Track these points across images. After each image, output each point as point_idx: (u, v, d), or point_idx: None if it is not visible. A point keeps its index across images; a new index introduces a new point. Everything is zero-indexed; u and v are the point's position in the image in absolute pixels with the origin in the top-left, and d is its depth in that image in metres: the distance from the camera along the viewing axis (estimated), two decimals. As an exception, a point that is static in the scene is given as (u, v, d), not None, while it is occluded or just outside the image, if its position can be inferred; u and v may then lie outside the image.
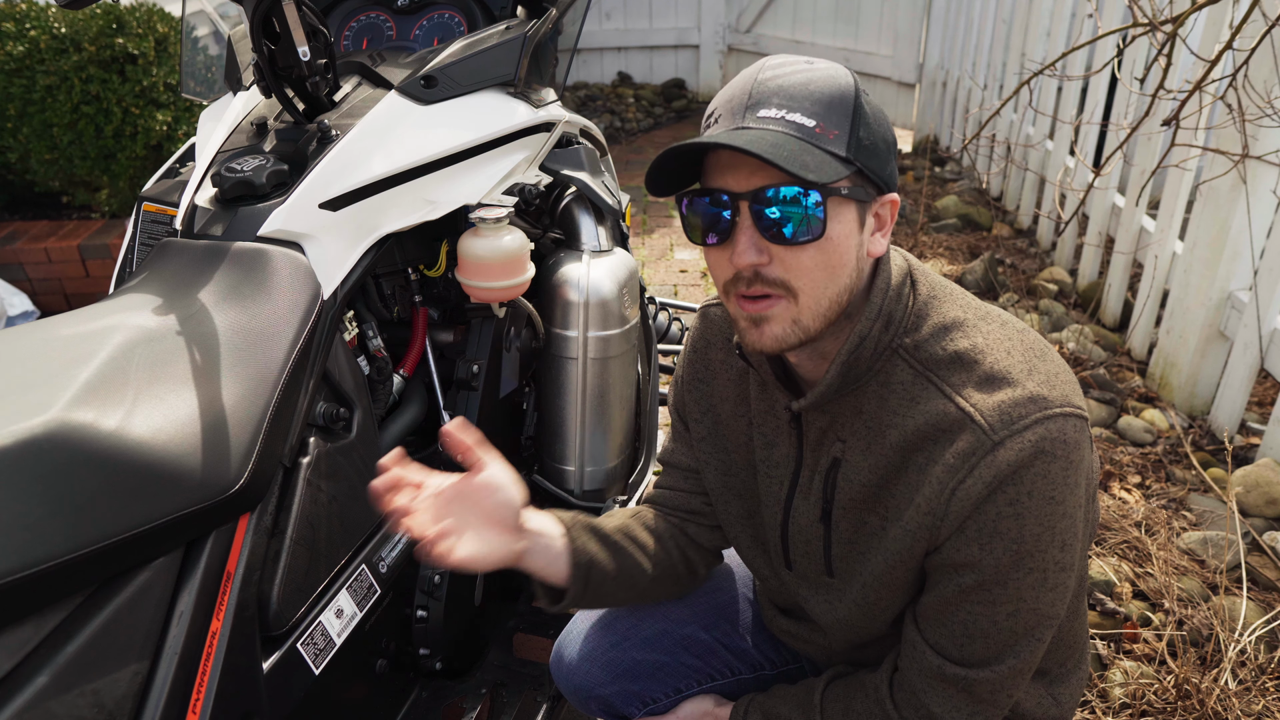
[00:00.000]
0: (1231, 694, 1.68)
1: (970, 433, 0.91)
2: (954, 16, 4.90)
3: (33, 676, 0.83)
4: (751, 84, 0.91)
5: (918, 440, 0.95)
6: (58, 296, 3.33)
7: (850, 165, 0.89)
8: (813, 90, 0.89)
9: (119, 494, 0.89)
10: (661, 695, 1.29)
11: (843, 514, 1.04)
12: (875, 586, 1.04)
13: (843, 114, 0.89)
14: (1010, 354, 0.95)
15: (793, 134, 0.87)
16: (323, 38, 1.28)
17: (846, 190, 0.89)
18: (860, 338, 0.95)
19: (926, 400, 0.95)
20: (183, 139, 3.27)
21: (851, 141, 0.89)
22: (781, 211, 0.87)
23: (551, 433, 1.71)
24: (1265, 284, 2.39)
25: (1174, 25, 2.21)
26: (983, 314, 1.00)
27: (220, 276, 1.14)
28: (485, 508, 1.01)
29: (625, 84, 6.72)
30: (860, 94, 0.90)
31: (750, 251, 0.89)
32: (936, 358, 0.96)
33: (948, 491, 0.93)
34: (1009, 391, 0.92)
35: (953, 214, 4.22)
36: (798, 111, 0.88)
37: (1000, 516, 0.91)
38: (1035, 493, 0.90)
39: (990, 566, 0.93)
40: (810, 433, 1.05)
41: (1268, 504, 2.18)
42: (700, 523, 1.25)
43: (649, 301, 2.23)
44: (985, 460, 0.90)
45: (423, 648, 1.48)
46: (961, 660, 0.99)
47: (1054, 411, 0.91)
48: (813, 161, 0.85)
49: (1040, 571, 0.94)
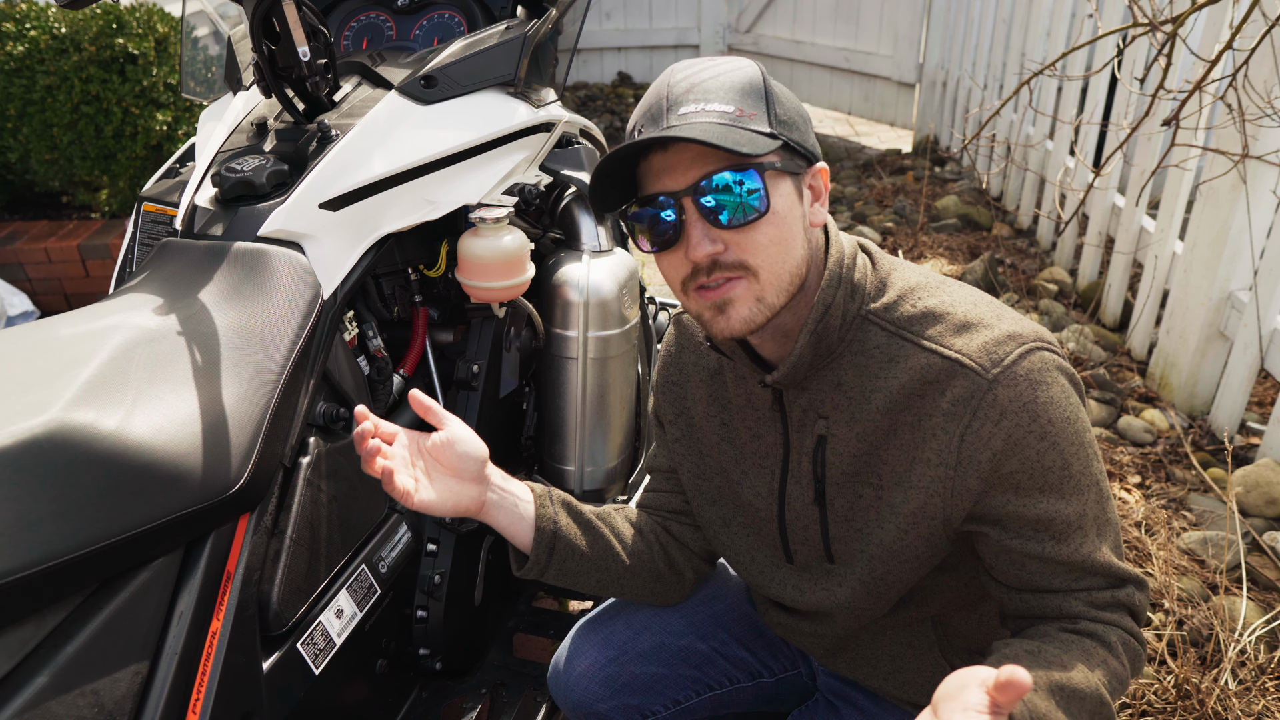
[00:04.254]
0: (1231, 694, 1.68)
1: (963, 377, 0.94)
2: (954, 16, 4.90)
3: (33, 676, 0.83)
4: (665, 89, 0.95)
5: (905, 398, 0.97)
6: (58, 296, 3.33)
7: (775, 139, 0.93)
8: (724, 81, 0.94)
9: (119, 494, 0.89)
10: (661, 708, 1.29)
11: (836, 491, 1.05)
12: (884, 559, 1.04)
13: (756, 97, 0.94)
14: (976, 305, 0.99)
15: (716, 120, 0.91)
16: (323, 38, 1.28)
17: (780, 164, 0.93)
18: (825, 306, 0.97)
19: (906, 357, 0.97)
20: (183, 139, 3.27)
21: (771, 118, 0.94)
22: (724, 199, 0.91)
23: (551, 433, 1.71)
24: (1265, 284, 2.39)
25: (1174, 25, 2.21)
26: (940, 279, 1.03)
27: (220, 276, 1.14)
28: (448, 459, 1.07)
29: (625, 84, 6.72)
30: (767, 77, 0.96)
31: (704, 243, 0.92)
32: (908, 315, 0.98)
33: (955, 438, 0.94)
34: (986, 333, 0.95)
35: (953, 214, 4.23)
36: (715, 102, 0.92)
37: (1041, 454, 0.93)
38: (1054, 418, 0.93)
39: (1056, 503, 0.94)
40: (793, 413, 1.06)
41: (1268, 504, 2.18)
42: (682, 521, 1.26)
43: (649, 301, 2.23)
44: (986, 399, 0.93)
45: (423, 648, 1.48)
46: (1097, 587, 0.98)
47: (1032, 344, 0.95)
48: (742, 139, 0.89)
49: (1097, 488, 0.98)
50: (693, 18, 6.51)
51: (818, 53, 5.94)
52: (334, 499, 1.21)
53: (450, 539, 1.49)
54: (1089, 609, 0.97)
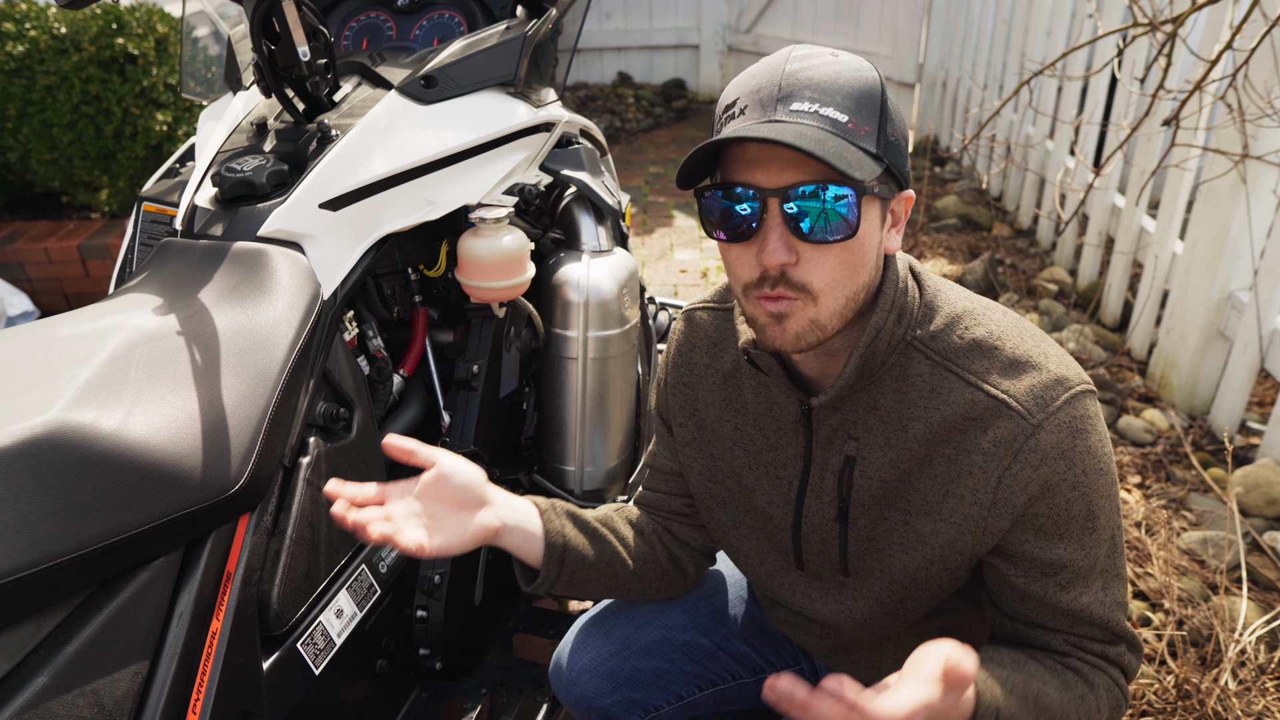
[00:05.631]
0: (1231, 694, 1.68)
1: (1008, 419, 0.92)
2: (954, 16, 4.90)
3: (33, 676, 0.83)
4: (780, 75, 0.88)
5: (945, 431, 0.95)
6: (58, 296, 3.33)
7: (881, 162, 0.87)
8: (843, 84, 0.87)
9: (119, 494, 0.89)
10: (663, 703, 1.29)
11: (861, 512, 1.03)
12: (905, 584, 1.03)
13: (872, 110, 0.87)
14: (1023, 340, 0.97)
15: (829, 129, 0.85)
16: (323, 38, 1.28)
17: (877, 189, 0.88)
18: (876, 330, 0.95)
19: (950, 390, 0.95)
20: (183, 139, 3.27)
21: (881, 138, 0.87)
22: (813, 209, 0.85)
23: (551, 433, 1.71)
24: (1265, 284, 2.39)
25: (1174, 25, 2.21)
26: (985, 304, 1.01)
27: (220, 276, 1.14)
28: (448, 494, 1.02)
29: (625, 84, 6.72)
30: (885, 90, 0.89)
31: (780, 250, 0.87)
32: (954, 347, 0.96)
33: (993, 479, 0.93)
34: (1035, 375, 0.93)
35: (953, 214, 4.23)
36: (831, 106, 0.86)
37: (1070, 503, 0.94)
38: (1089, 469, 0.93)
39: (1075, 550, 0.96)
40: (821, 431, 1.03)
41: (1268, 504, 2.18)
42: (684, 522, 1.25)
43: (649, 301, 2.23)
44: (1029, 445, 0.92)
45: (423, 648, 1.48)
46: (1098, 638, 1.00)
47: (1077, 390, 0.93)
48: (853, 159, 0.84)
49: (1112, 542, 0.99)
50: (693, 18, 6.51)
51: (818, 53, 5.93)
52: (334, 499, 1.21)
53: (450, 539, 1.49)
54: (1077, 651, 1.00)
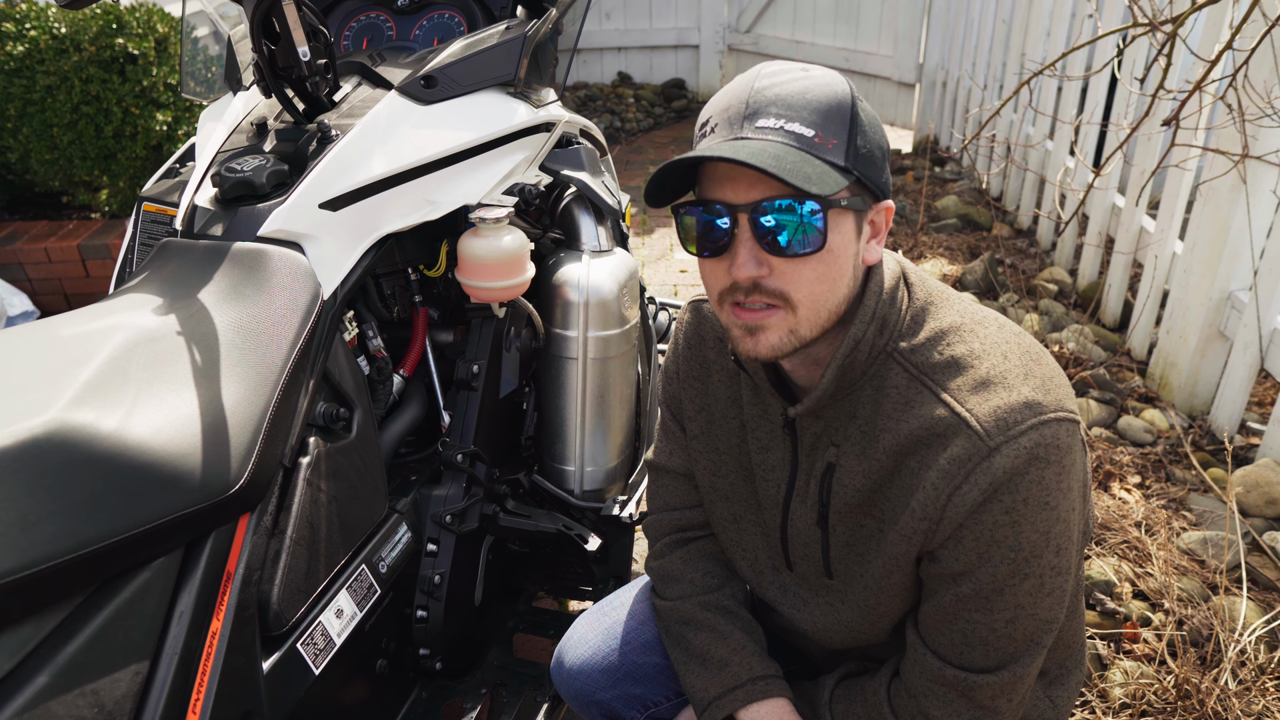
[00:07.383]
0: (1231, 694, 1.68)
1: (965, 438, 0.91)
2: (954, 16, 4.90)
3: (33, 676, 0.83)
4: (748, 92, 0.90)
5: (911, 444, 0.95)
6: (58, 296, 3.33)
7: (849, 174, 0.89)
8: (810, 99, 0.89)
9: (119, 494, 0.89)
10: (663, 699, 1.29)
11: (839, 518, 1.04)
12: (875, 590, 1.04)
13: (840, 123, 0.89)
14: (1007, 358, 0.95)
15: (792, 144, 0.87)
16: (323, 38, 1.28)
17: (846, 201, 0.89)
18: (854, 342, 0.95)
19: (921, 404, 0.95)
20: (183, 139, 3.27)
21: (850, 150, 0.89)
22: (782, 223, 0.87)
23: (551, 433, 1.71)
24: (1265, 284, 2.39)
25: (1174, 25, 2.21)
26: (980, 318, 0.99)
27: (220, 276, 1.14)
28: None
29: (625, 84, 6.72)
30: (856, 101, 0.90)
31: (750, 264, 0.89)
32: (933, 362, 0.96)
33: (943, 497, 0.93)
34: (1004, 396, 0.92)
35: (953, 214, 4.23)
36: (796, 121, 0.88)
37: (997, 525, 0.91)
38: (1030, 499, 0.90)
39: (987, 575, 0.94)
40: (805, 438, 1.05)
41: (1268, 504, 2.18)
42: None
43: (649, 301, 2.23)
44: (981, 466, 0.90)
45: (423, 648, 1.48)
46: (962, 665, 0.99)
47: (1048, 417, 0.91)
48: (814, 173, 0.85)
49: (1037, 577, 0.94)
50: (693, 18, 6.51)
51: (817, 53, 5.94)
52: (334, 499, 1.21)
53: (450, 539, 1.49)
54: (924, 682, 1.02)
